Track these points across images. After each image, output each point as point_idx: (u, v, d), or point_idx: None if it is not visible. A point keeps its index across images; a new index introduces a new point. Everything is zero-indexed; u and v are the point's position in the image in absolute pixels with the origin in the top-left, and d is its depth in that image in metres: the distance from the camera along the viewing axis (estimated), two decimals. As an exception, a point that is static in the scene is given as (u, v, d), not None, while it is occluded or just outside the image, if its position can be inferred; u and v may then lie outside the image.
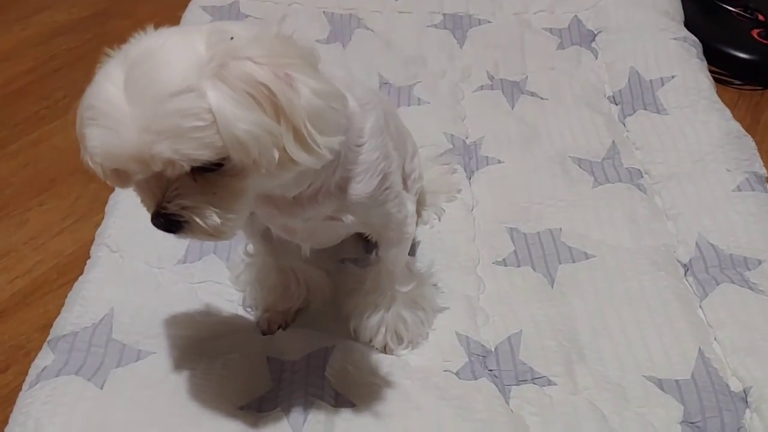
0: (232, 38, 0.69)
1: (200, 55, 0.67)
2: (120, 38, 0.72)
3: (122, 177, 0.74)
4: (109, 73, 0.68)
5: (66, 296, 1.18)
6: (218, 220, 0.73)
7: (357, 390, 1.02)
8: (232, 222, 0.75)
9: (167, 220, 0.73)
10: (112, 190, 1.39)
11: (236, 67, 0.67)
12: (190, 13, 1.86)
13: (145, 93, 0.65)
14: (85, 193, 1.50)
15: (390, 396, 1.01)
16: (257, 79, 0.67)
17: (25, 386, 1.02)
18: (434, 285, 1.17)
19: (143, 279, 1.19)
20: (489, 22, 1.86)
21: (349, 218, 0.91)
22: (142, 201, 0.75)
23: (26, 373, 1.05)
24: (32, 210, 1.48)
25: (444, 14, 1.88)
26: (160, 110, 0.64)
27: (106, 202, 1.38)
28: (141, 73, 0.66)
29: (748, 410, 1.00)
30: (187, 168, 0.68)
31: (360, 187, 0.88)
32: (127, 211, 1.29)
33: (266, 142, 0.68)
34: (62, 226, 1.44)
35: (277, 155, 0.69)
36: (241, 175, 0.72)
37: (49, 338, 1.09)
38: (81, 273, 1.22)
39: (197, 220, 0.73)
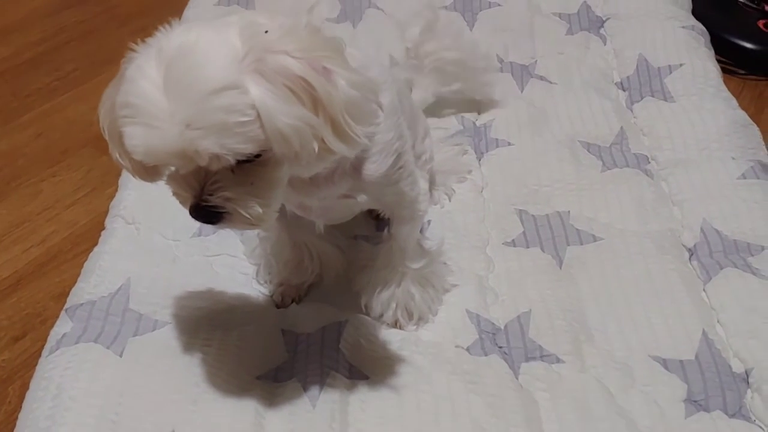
0: (266, 32, 0.70)
1: (237, 49, 0.68)
2: (128, 12, 0.73)
3: (152, 172, 0.77)
4: (144, 71, 0.68)
5: (80, 266, 1.19)
6: (260, 210, 0.75)
7: (370, 363, 1.04)
8: (272, 210, 0.78)
9: (208, 212, 0.75)
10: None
11: (274, 61, 0.68)
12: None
13: (186, 90, 0.66)
14: (97, 165, 1.52)
15: (402, 369, 1.03)
16: (295, 72, 0.68)
17: (45, 352, 1.04)
18: (444, 263, 1.19)
19: (159, 251, 1.20)
20: (499, 5, 1.87)
21: (362, 197, 0.93)
22: (176, 194, 0.77)
23: (44, 340, 1.07)
24: (45, 181, 1.50)
25: (454, -4, 1.88)
26: (204, 107, 0.66)
27: (118, 175, 1.39)
28: (181, 71, 0.67)
29: (749, 390, 1.03)
30: (233, 161, 0.70)
31: (374, 167, 0.90)
32: (141, 185, 1.25)
33: (307, 135, 0.69)
34: (75, 198, 1.46)
35: (316, 146, 0.70)
36: (277, 164, 0.74)
37: (66, 306, 1.11)
38: (95, 244, 1.23)
39: (240, 210, 0.74)
